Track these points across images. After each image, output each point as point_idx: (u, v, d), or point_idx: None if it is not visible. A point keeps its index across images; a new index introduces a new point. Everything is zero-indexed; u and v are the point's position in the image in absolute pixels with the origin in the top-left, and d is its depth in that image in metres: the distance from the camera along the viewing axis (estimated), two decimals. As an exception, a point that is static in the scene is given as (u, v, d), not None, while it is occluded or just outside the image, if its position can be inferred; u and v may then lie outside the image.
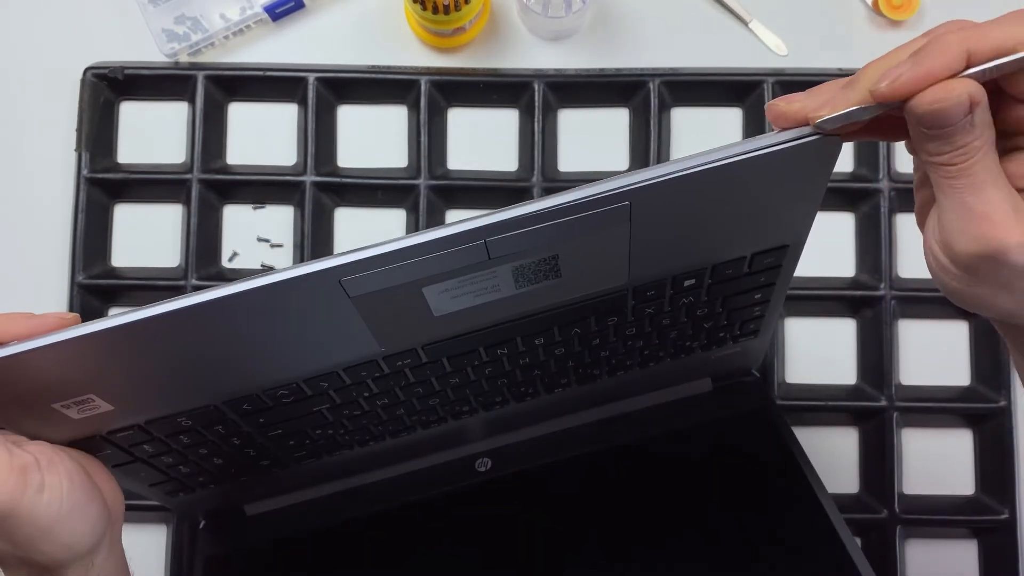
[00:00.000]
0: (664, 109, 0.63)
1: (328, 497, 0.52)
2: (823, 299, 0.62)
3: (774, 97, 0.62)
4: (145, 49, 0.62)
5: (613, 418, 0.52)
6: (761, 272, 0.41)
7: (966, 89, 0.27)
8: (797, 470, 0.48)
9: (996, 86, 0.29)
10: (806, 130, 0.31)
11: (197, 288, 0.61)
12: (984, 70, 0.27)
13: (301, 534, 0.51)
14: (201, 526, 0.53)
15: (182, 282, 0.61)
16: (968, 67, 0.27)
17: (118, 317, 0.32)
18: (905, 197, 0.61)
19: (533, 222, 0.32)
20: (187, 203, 0.62)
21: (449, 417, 0.48)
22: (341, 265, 0.32)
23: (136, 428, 0.39)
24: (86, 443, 0.39)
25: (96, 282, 0.61)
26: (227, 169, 0.63)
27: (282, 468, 0.48)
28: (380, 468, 0.51)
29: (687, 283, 0.40)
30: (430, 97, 0.62)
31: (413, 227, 0.63)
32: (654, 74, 0.62)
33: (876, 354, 0.61)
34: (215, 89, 0.63)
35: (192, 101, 0.62)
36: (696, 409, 0.52)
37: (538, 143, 0.62)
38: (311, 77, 0.62)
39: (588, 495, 0.50)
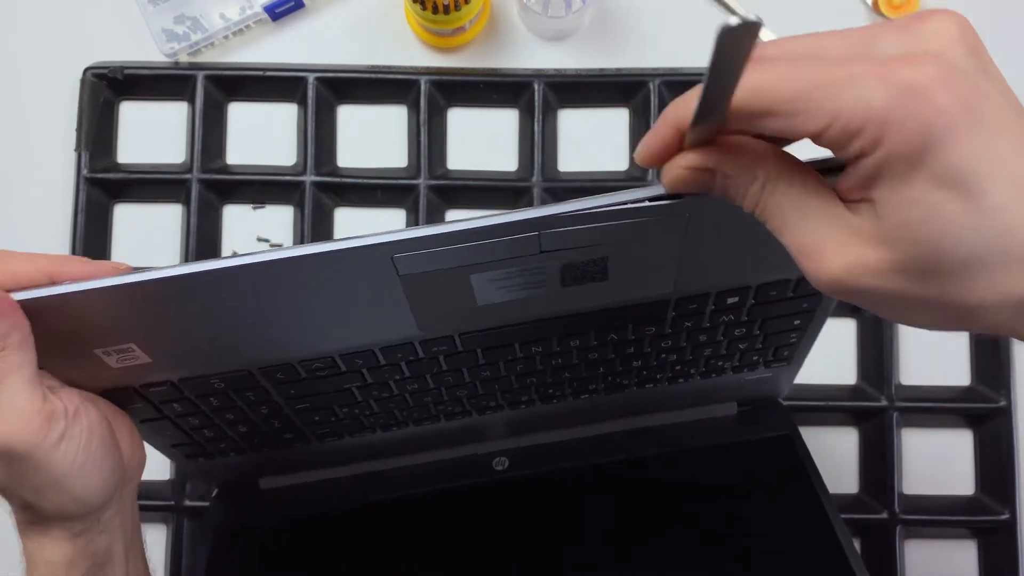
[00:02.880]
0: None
1: (343, 479, 0.52)
2: (823, 299, 0.62)
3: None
4: (145, 49, 0.62)
5: (635, 431, 0.52)
6: (803, 298, 0.40)
7: (680, 165, 0.26)
8: (816, 503, 0.48)
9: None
10: None
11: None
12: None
13: (312, 512, 0.51)
14: (214, 495, 0.53)
15: (182, 282, 0.61)
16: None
17: (171, 268, 0.32)
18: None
19: (590, 220, 0.32)
20: (187, 203, 0.62)
21: (474, 411, 0.48)
22: (397, 241, 0.32)
23: (169, 384, 0.39)
24: (119, 394, 0.39)
25: (96, 282, 0.61)
26: (227, 169, 0.63)
27: (303, 444, 0.48)
28: (398, 456, 0.51)
29: (730, 300, 0.40)
30: (430, 97, 0.62)
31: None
32: (654, 74, 0.62)
33: (876, 354, 0.61)
34: (215, 89, 0.63)
35: (192, 101, 0.62)
36: (719, 431, 0.52)
37: (538, 143, 0.62)
38: (311, 77, 0.62)
39: (600, 504, 0.50)
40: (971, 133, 0.21)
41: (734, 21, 0.20)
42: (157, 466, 0.59)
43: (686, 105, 0.25)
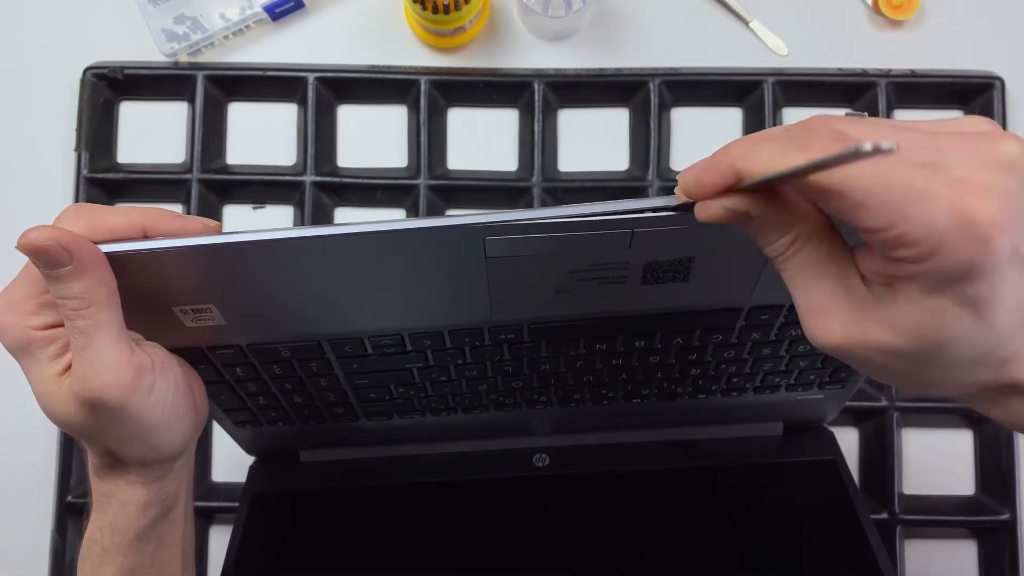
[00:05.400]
0: (664, 109, 0.63)
1: (384, 459, 0.52)
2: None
3: (774, 97, 0.62)
4: (145, 49, 0.62)
5: (679, 442, 0.51)
6: None
7: (722, 205, 0.27)
8: (859, 530, 0.47)
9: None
10: None
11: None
12: (751, 184, 0.26)
13: (350, 488, 0.51)
14: (253, 462, 0.53)
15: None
16: (740, 181, 0.26)
17: (261, 232, 0.32)
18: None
19: (684, 220, 0.32)
20: (187, 203, 0.62)
21: (524, 404, 0.48)
22: (491, 223, 0.32)
23: (237, 349, 0.40)
24: (186, 354, 0.39)
25: (96, 282, 0.61)
26: (227, 169, 0.63)
27: (351, 420, 0.48)
28: (441, 442, 0.52)
29: None
30: (430, 97, 0.62)
31: (413, 227, 0.63)
32: (654, 74, 0.62)
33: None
34: (215, 89, 0.63)
35: (192, 101, 0.62)
36: (764, 450, 0.52)
37: (538, 143, 0.62)
38: (311, 77, 0.62)
39: (637, 511, 0.49)
40: (1007, 273, 0.23)
41: (868, 147, 0.20)
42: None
43: (755, 161, 0.25)
